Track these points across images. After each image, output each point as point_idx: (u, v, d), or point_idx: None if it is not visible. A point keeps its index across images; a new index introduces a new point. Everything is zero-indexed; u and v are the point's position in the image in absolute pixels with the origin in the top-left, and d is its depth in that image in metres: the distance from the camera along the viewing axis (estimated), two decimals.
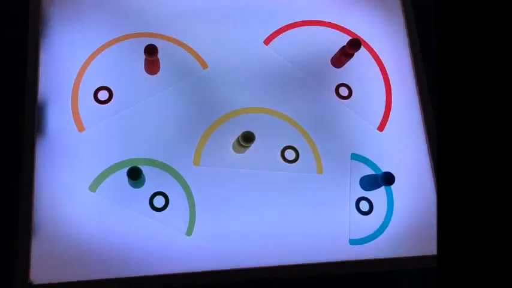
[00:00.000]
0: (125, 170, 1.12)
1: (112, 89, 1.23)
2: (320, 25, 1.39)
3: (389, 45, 1.43)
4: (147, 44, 1.14)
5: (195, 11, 1.34)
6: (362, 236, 1.24)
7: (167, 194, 1.18)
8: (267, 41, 1.35)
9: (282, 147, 1.26)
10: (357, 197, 1.26)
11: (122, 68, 1.26)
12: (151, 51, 1.14)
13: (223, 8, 1.36)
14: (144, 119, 1.22)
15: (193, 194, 1.19)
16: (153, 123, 1.23)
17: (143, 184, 1.17)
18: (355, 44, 1.25)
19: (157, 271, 1.12)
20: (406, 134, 1.35)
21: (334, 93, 1.33)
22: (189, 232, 1.16)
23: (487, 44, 0.90)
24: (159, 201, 1.17)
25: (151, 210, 1.17)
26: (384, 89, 1.37)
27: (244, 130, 1.15)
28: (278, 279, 1.19)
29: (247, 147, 1.19)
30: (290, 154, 1.26)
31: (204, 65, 1.29)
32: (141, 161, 1.19)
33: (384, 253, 1.23)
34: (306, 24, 1.38)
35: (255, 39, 1.34)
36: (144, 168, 1.14)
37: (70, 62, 1.24)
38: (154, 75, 1.26)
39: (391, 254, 1.23)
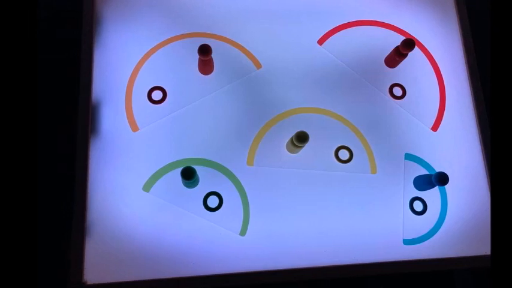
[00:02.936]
0: (179, 170, 1.09)
1: (166, 89, 1.20)
2: (374, 25, 1.35)
3: (443, 45, 1.38)
4: (201, 44, 1.12)
5: (249, 11, 1.31)
6: (416, 236, 1.19)
7: (221, 194, 1.15)
8: (320, 41, 1.31)
9: (335, 147, 1.22)
10: (411, 197, 1.22)
11: (176, 68, 1.23)
12: (205, 51, 1.12)
13: (277, 8, 1.32)
14: (198, 119, 1.19)
15: (247, 194, 1.15)
16: (207, 123, 1.19)
17: (197, 184, 1.14)
18: (409, 44, 1.21)
19: (211, 271, 1.09)
20: (460, 133, 1.30)
21: (388, 93, 1.29)
22: (243, 232, 1.13)
23: None
24: (213, 201, 1.14)
25: (205, 210, 1.13)
26: (438, 88, 1.33)
27: (298, 130, 1.11)
28: (331, 279, 1.15)
29: (301, 147, 1.15)
30: (344, 154, 1.22)
31: (258, 65, 1.26)
32: (195, 161, 1.16)
33: (437, 253, 1.19)
34: (360, 24, 1.34)
35: (309, 39, 1.31)
36: (198, 168, 1.12)
37: (124, 61, 1.22)
38: (208, 75, 1.23)
39: (444, 254, 1.19)
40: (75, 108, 1.15)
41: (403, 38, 1.30)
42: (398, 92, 1.30)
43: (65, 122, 1.26)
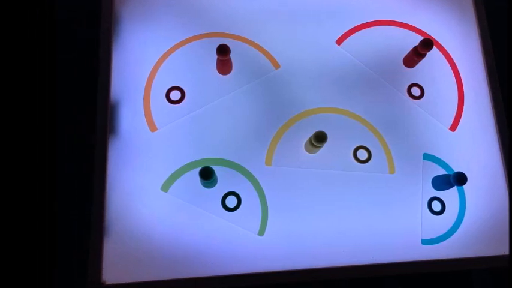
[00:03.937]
0: (197, 170, 1.09)
1: (184, 89, 1.19)
2: (392, 25, 1.34)
3: (461, 45, 1.37)
4: (220, 44, 1.11)
5: (267, 11, 1.30)
6: (434, 236, 1.18)
7: (239, 194, 1.14)
8: (339, 41, 1.30)
9: (354, 147, 1.21)
10: (429, 197, 1.21)
11: (194, 68, 1.22)
12: (223, 51, 1.11)
13: (296, 9, 1.31)
14: (217, 119, 1.18)
15: (265, 194, 1.14)
16: (226, 123, 1.18)
17: (215, 184, 1.13)
18: (427, 44, 1.20)
19: (229, 271, 1.08)
20: (479, 134, 1.29)
21: (406, 93, 1.28)
22: (261, 232, 1.12)
23: None
24: (231, 201, 1.13)
25: (224, 210, 1.12)
26: (456, 89, 1.32)
27: (316, 130, 1.10)
28: (350, 279, 1.16)
29: (320, 147, 1.14)
30: (362, 154, 1.21)
31: (276, 65, 1.25)
32: (213, 161, 1.15)
33: (455, 253, 1.18)
34: (378, 24, 1.33)
35: (327, 39, 1.30)
36: (216, 168, 1.10)
37: (142, 61, 1.21)
38: (227, 75, 1.22)
39: (462, 254, 1.18)
40: (94, 108, 1.15)
41: (421, 38, 1.29)
42: (416, 92, 1.29)
43: (84, 121, 1.25)
